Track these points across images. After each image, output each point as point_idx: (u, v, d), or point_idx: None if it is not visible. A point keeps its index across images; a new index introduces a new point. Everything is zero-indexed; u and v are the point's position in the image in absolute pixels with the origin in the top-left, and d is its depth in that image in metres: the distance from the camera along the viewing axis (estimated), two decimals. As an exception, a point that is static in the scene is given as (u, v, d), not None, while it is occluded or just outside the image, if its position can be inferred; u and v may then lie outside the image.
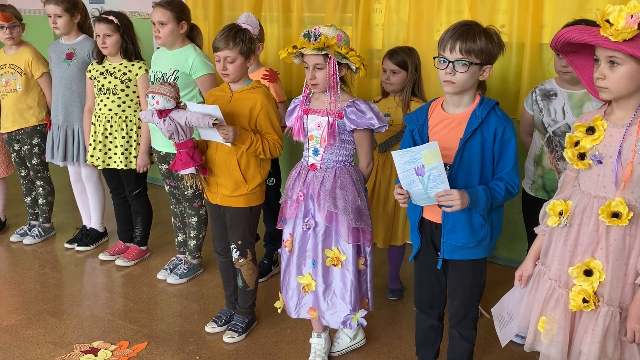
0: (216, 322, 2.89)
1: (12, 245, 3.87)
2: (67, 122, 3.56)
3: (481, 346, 2.71)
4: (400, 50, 2.89)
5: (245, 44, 2.52)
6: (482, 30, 1.93)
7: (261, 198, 2.73)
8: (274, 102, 2.63)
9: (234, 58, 2.51)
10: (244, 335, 2.83)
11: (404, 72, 2.85)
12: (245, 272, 2.78)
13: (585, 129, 1.73)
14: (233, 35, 2.50)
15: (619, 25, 1.54)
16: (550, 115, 2.53)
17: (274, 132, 2.58)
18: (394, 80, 2.87)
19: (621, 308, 1.70)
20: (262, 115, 2.55)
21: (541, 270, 1.88)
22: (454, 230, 2.06)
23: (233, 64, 2.52)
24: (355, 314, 2.45)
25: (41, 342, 2.78)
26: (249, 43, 2.55)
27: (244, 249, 2.73)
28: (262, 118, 2.56)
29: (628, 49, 1.55)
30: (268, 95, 2.59)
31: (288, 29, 3.96)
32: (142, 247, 3.65)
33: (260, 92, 2.58)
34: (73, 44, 3.53)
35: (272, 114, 2.58)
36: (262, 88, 2.62)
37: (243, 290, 2.82)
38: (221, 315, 2.93)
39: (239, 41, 2.50)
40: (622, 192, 1.66)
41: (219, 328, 2.88)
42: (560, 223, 1.78)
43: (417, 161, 1.89)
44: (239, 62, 2.52)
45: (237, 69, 2.53)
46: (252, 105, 2.55)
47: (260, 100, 2.55)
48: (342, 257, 2.40)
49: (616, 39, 1.55)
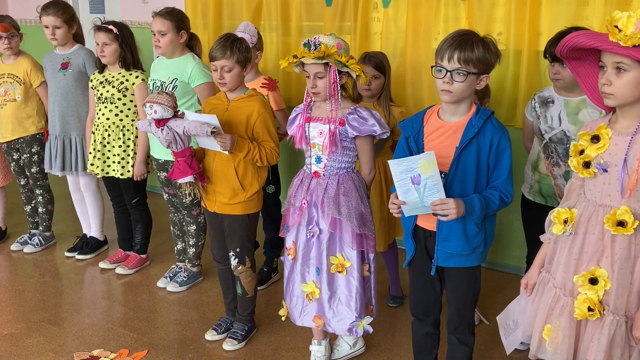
0: (216, 330, 2.90)
1: (12, 254, 3.88)
2: (65, 131, 3.57)
3: (481, 352, 2.71)
4: (374, 55, 2.90)
5: (241, 53, 2.55)
6: (480, 40, 1.95)
7: (259, 205, 2.74)
8: (271, 110, 2.65)
9: (231, 67, 2.53)
10: (244, 343, 2.83)
11: (382, 78, 2.87)
12: (244, 280, 2.78)
13: (590, 138, 1.73)
14: (230, 45, 2.52)
15: (628, 31, 1.54)
16: (547, 122, 2.55)
17: (270, 139, 2.60)
18: (373, 86, 2.86)
19: (627, 317, 1.69)
20: (259, 123, 2.57)
21: (545, 277, 1.88)
22: (449, 238, 2.07)
23: (230, 73, 2.54)
24: (361, 321, 2.45)
25: (41, 351, 2.78)
26: (246, 52, 2.58)
27: (242, 256, 2.74)
28: (258, 126, 2.58)
29: (638, 55, 1.55)
30: (264, 104, 2.61)
31: (287, 38, 3.98)
32: (142, 255, 3.66)
33: (256, 100, 2.60)
34: (68, 54, 3.55)
35: (268, 122, 2.60)
36: (259, 96, 2.64)
37: (242, 297, 2.83)
38: (221, 323, 2.93)
39: (235, 50, 2.53)
40: (627, 201, 1.65)
41: (218, 336, 2.88)
42: (566, 231, 1.77)
43: (414, 170, 1.91)
44: (235, 71, 2.55)
45: (234, 78, 2.56)
46: (249, 113, 2.57)
47: (257, 108, 2.57)
48: (346, 264, 2.41)
49: (626, 44, 1.55)
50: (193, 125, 2.47)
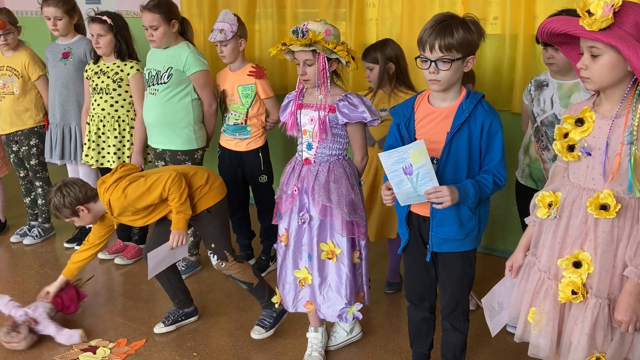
0: (164, 323, 2.88)
1: (12, 246, 3.90)
2: (64, 120, 3.58)
3: (477, 337, 2.72)
4: (372, 48, 2.93)
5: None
6: (459, 22, 1.91)
7: (216, 196, 2.70)
8: (123, 189, 2.59)
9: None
10: (273, 331, 2.78)
11: (377, 67, 2.88)
12: (237, 274, 2.74)
13: (574, 121, 1.72)
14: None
15: (597, 15, 1.53)
16: (540, 104, 2.54)
17: (157, 188, 2.57)
18: (372, 77, 2.92)
19: (610, 299, 1.70)
20: (141, 201, 2.60)
21: (531, 261, 1.88)
22: (442, 223, 2.07)
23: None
24: (350, 307, 2.45)
25: (41, 341, 2.80)
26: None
27: (220, 251, 2.70)
28: (144, 201, 2.60)
29: (603, 38, 1.54)
30: (121, 192, 2.59)
31: (282, 25, 3.96)
32: (141, 245, 3.67)
33: (115, 197, 2.62)
34: (69, 44, 3.55)
35: (139, 192, 2.58)
36: (116, 193, 2.61)
37: (250, 289, 2.79)
38: (169, 315, 2.91)
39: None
40: (610, 184, 1.65)
41: (165, 328, 2.86)
42: (550, 215, 1.78)
43: (405, 161, 1.90)
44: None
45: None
46: (124, 208, 2.64)
47: (124, 203, 2.62)
48: (337, 251, 2.41)
49: (591, 28, 1.54)
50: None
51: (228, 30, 3.05)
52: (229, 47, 3.11)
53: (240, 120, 3.21)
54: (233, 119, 3.22)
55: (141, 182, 2.58)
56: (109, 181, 2.62)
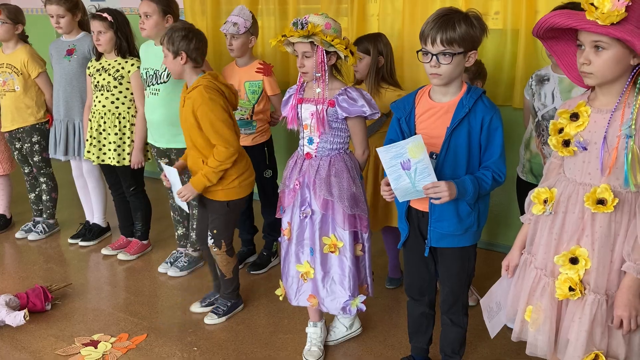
0: (200, 303, 3.02)
1: (17, 242, 3.93)
2: (68, 116, 3.60)
3: (477, 333, 2.71)
4: (364, 38, 2.91)
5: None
6: (462, 17, 1.91)
7: (241, 193, 2.77)
8: (211, 99, 2.57)
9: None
10: (225, 318, 2.91)
11: (367, 58, 2.85)
12: (220, 263, 2.85)
13: (569, 116, 1.70)
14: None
15: (605, 9, 1.51)
16: (541, 99, 2.53)
17: (218, 138, 2.59)
18: (359, 67, 2.88)
19: (607, 295, 1.68)
20: (203, 121, 2.58)
21: (527, 259, 1.86)
22: (441, 218, 2.07)
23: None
24: (354, 300, 2.46)
25: (43, 335, 2.83)
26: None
27: (218, 239, 2.79)
28: (204, 125, 2.59)
29: (616, 33, 1.52)
30: (202, 94, 2.58)
31: (284, 22, 3.96)
32: (144, 241, 3.69)
33: (197, 91, 2.60)
34: (73, 41, 3.57)
35: (211, 116, 2.57)
36: (199, 87, 2.60)
37: (222, 278, 2.92)
38: (205, 297, 3.04)
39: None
40: (607, 179, 1.64)
41: (201, 308, 3.00)
42: (545, 211, 1.76)
43: (403, 156, 1.90)
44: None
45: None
46: (193, 109, 2.60)
47: (195, 103, 2.58)
48: (339, 244, 2.42)
49: (604, 22, 1.52)
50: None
51: (241, 25, 3.07)
52: (239, 42, 3.12)
53: (246, 115, 3.22)
54: (239, 114, 3.22)
55: (218, 112, 2.57)
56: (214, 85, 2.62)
